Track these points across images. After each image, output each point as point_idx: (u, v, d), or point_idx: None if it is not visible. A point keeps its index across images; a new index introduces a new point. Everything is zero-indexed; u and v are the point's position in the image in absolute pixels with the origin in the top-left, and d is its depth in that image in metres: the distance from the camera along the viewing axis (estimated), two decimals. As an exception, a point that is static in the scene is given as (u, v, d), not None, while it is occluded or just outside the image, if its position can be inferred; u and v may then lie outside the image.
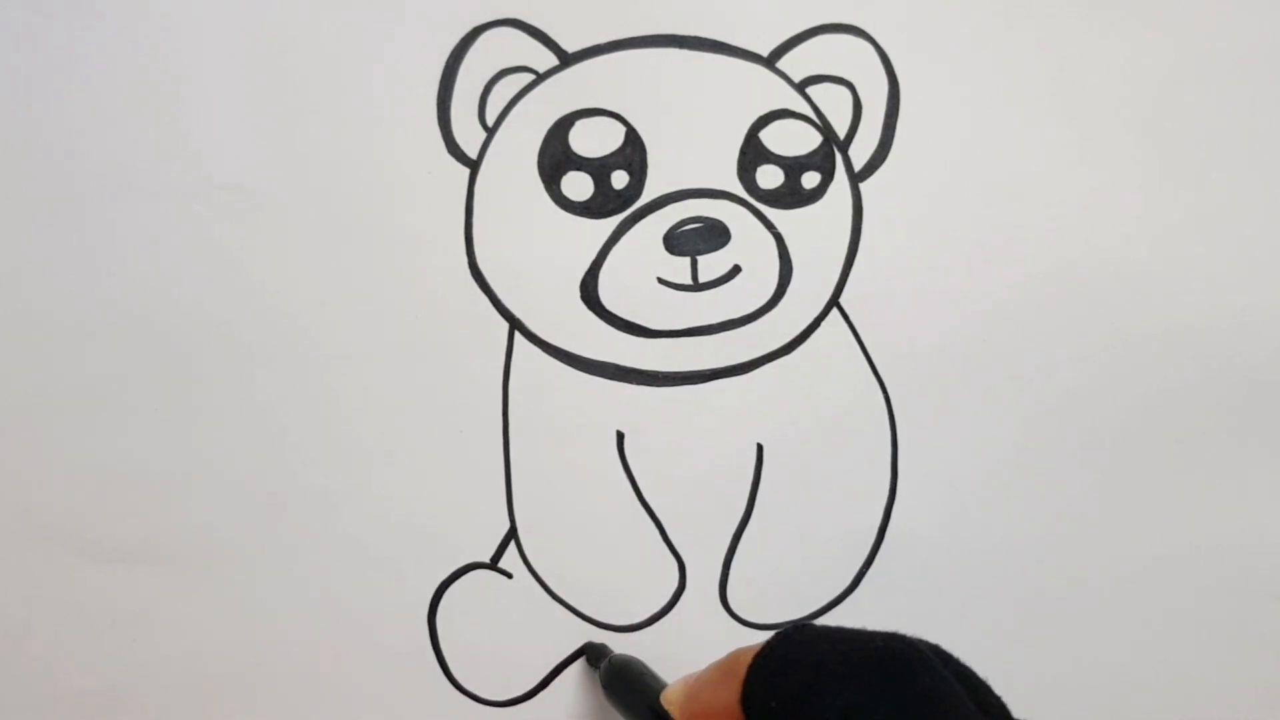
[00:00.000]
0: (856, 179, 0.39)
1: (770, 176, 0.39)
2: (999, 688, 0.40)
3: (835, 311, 0.39)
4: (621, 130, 0.38)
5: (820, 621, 0.40)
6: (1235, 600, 0.41)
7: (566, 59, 0.38)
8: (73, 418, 0.38)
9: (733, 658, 0.30)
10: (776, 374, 0.40)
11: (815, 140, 0.39)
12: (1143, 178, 0.40)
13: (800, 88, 0.39)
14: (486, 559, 0.40)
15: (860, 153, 0.39)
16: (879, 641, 0.28)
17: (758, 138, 0.38)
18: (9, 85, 0.37)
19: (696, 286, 0.38)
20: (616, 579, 0.40)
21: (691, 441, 0.40)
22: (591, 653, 0.39)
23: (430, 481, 0.39)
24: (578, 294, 0.39)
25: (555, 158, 0.38)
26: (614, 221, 0.38)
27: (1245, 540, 0.41)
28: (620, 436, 0.39)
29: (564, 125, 0.38)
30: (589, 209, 0.38)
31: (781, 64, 0.38)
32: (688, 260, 0.38)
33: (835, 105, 0.39)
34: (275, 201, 0.38)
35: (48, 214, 0.37)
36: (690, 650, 0.40)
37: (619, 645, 0.40)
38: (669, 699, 0.32)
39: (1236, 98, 0.40)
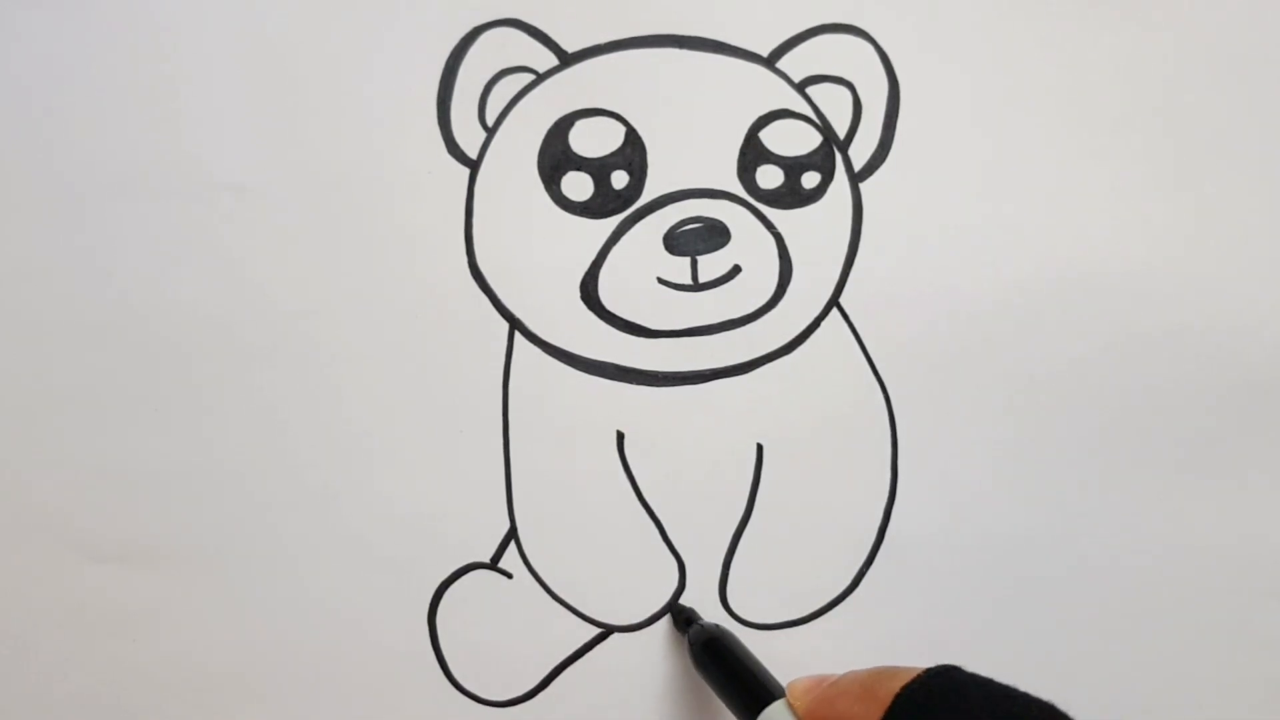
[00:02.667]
0: (856, 179, 0.39)
1: (770, 176, 0.39)
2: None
3: (835, 311, 0.40)
4: (621, 130, 0.38)
5: (821, 621, 0.40)
6: (1235, 600, 0.41)
7: (566, 59, 0.38)
8: (73, 418, 0.38)
9: (877, 677, 0.30)
10: (776, 374, 0.40)
11: (815, 140, 0.39)
12: (1143, 177, 0.40)
13: (800, 88, 0.39)
14: (486, 559, 0.40)
15: (860, 153, 0.39)
16: (1034, 710, 0.28)
17: (758, 138, 0.38)
18: (9, 85, 0.37)
19: (696, 286, 0.38)
20: (616, 579, 0.40)
21: (691, 441, 0.40)
22: (678, 615, 0.39)
23: (430, 481, 0.39)
24: (578, 294, 0.39)
25: (555, 158, 0.38)
26: (614, 221, 0.38)
27: (1245, 540, 0.41)
28: (620, 436, 0.39)
29: (564, 125, 0.38)
30: (589, 209, 0.38)
31: (781, 64, 0.38)
32: (688, 260, 0.38)
33: (835, 105, 0.39)
34: (275, 201, 0.38)
35: (48, 214, 0.37)
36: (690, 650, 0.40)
37: (618, 645, 0.40)
38: (796, 692, 0.32)
39: (1237, 98, 0.40)
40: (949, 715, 0.28)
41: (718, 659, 0.37)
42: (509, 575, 0.40)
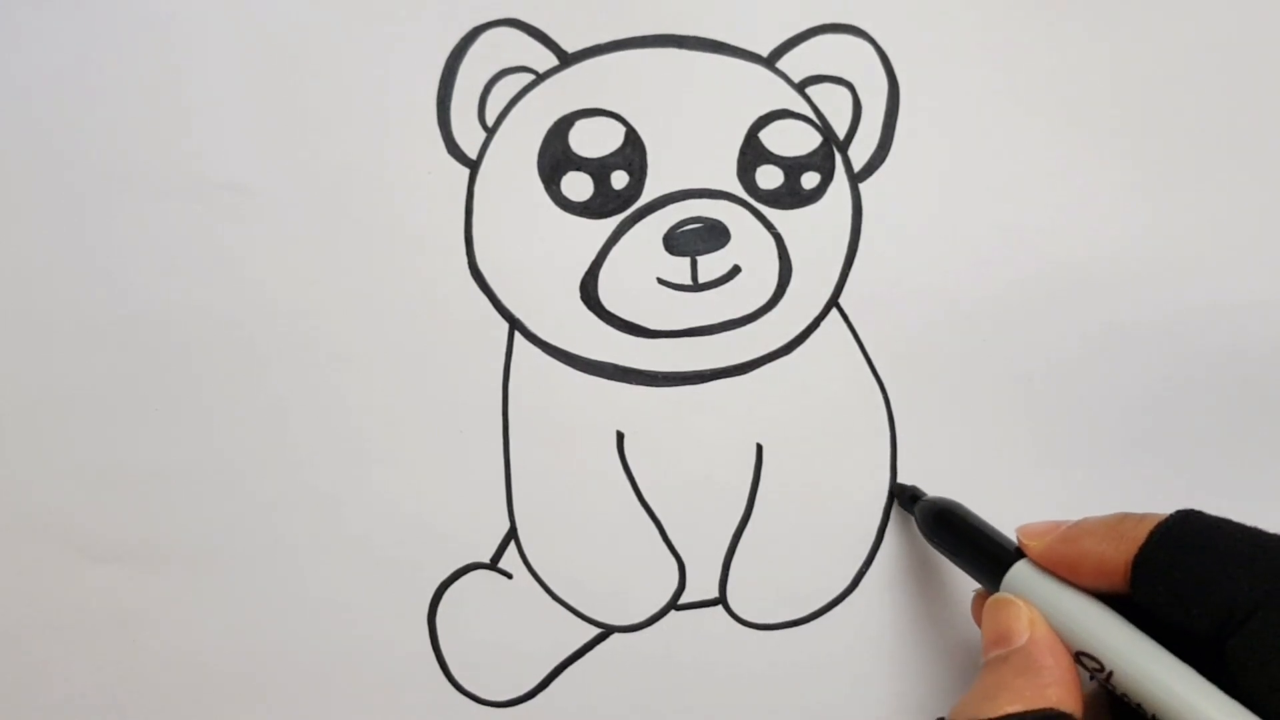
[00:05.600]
0: (856, 179, 0.39)
1: (770, 177, 0.39)
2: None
3: (835, 311, 0.40)
4: (621, 130, 0.38)
5: (821, 621, 0.40)
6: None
7: (566, 59, 0.38)
8: (73, 417, 0.38)
9: (1122, 520, 0.32)
10: (776, 374, 0.40)
11: (815, 140, 0.39)
12: (1142, 177, 0.40)
13: (800, 88, 0.39)
14: (486, 559, 0.40)
15: (860, 153, 0.39)
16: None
17: (757, 138, 0.38)
18: (9, 85, 0.37)
19: (696, 287, 0.39)
20: (616, 579, 0.40)
21: (691, 441, 0.40)
22: (902, 493, 0.39)
23: (430, 481, 0.39)
24: (578, 294, 0.39)
25: (555, 158, 0.38)
26: (614, 222, 0.38)
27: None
28: (620, 436, 0.39)
29: (564, 125, 0.38)
30: (589, 209, 0.38)
31: (781, 64, 0.38)
32: (687, 260, 0.38)
33: (835, 105, 0.39)
34: (275, 201, 0.38)
35: (48, 214, 0.37)
36: (690, 650, 0.40)
37: (618, 645, 0.40)
38: (1030, 533, 0.34)
39: (1236, 97, 0.40)
40: (1208, 549, 0.30)
41: (950, 529, 0.37)
42: (509, 575, 0.40)
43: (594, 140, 0.38)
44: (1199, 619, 0.29)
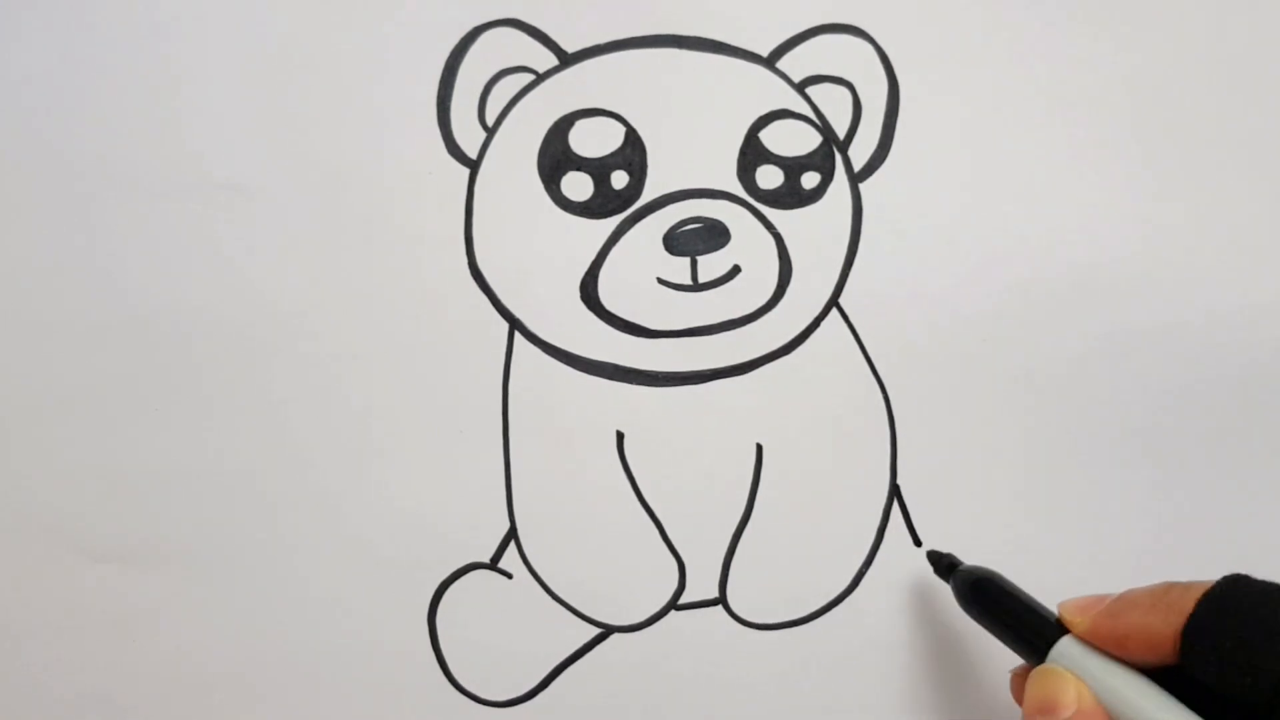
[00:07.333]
0: (856, 179, 0.39)
1: (770, 177, 0.39)
2: (1000, 691, 0.40)
3: (835, 311, 0.40)
4: (621, 130, 0.38)
5: (821, 621, 0.40)
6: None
7: (566, 59, 0.38)
8: (73, 417, 0.38)
9: (1167, 590, 0.31)
10: (776, 374, 0.40)
11: (815, 140, 0.39)
12: (1142, 177, 0.40)
13: (800, 88, 0.39)
14: (486, 559, 0.40)
15: (860, 153, 0.39)
16: None
17: (757, 138, 0.38)
18: (9, 85, 0.37)
19: (696, 287, 0.39)
20: (616, 579, 0.40)
21: (691, 441, 0.40)
22: (940, 563, 0.38)
23: (430, 481, 0.39)
24: (578, 294, 0.39)
25: (555, 158, 0.38)
26: (614, 222, 0.38)
27: (1246, 540, 0.41)
28: (620, 437, 0.39)
29: (564, 125, 0.38)
30: (589, 209, 0.38)
31: (781, 64, 0.38)
32: (687, 260, 0.38)
33: (835, 105, 0.39)
34: (275, 201, 0.38)
35: (48, 214, 0.37)
36: (690, 650, 0.40)
37: (618, 645, 0.40)
38: (1071, 610, 0.33)
39: (1234, 98, 0.40)
40: (1259, 614, 0.29)
41: (989, 600, 0.36)
42: (509, 575, 0.40)
43: (594, 140, 0.38)
44: (1253, 688, 0.28)
